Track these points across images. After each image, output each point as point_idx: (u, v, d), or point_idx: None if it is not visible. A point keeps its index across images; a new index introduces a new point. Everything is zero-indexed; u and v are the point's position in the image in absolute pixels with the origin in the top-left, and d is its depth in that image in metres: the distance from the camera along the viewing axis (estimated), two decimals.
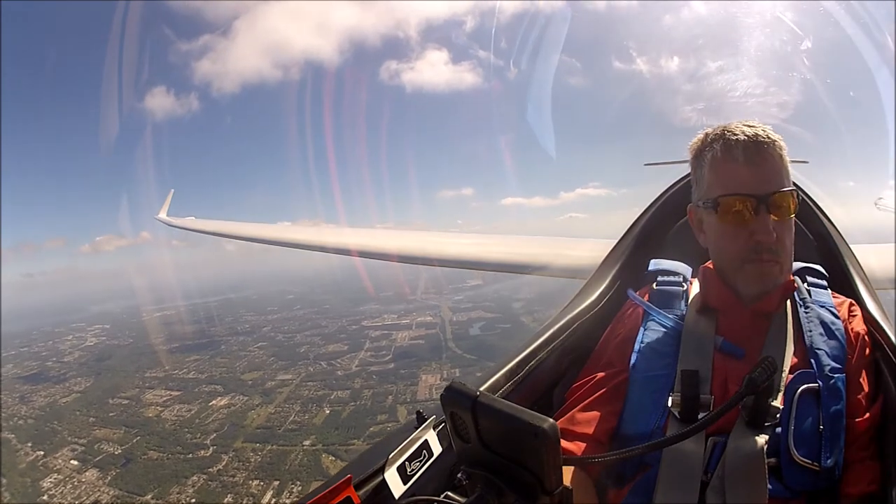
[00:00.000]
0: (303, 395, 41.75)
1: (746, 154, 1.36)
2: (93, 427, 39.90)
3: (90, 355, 54.08)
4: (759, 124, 1.40)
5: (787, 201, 1.36)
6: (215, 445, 36.08)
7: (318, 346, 50.34)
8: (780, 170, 1.38)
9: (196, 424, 39.21)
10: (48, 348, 57.38)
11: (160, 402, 43.05)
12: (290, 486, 31.42)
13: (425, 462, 1.17)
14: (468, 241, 7.34)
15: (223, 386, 44.64)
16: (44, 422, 41.04)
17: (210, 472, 33.41)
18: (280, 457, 34.19)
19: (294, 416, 38.94)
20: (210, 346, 54.41)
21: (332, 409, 38.93)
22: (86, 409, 42.86)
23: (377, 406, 38.62)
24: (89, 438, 38.29)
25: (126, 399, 43.97)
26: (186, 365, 49.26)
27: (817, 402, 1.28)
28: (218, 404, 41.71)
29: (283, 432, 36.96)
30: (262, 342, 53.93)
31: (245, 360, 49.57)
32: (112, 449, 36.90)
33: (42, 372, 50.07)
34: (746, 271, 1.39)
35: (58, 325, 68.11)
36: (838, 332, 1.39)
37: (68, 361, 53.03)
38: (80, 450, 36.89)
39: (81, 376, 48.24)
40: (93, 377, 47.81)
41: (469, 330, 50.57)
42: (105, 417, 41.41)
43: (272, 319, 60.15)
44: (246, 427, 38.19)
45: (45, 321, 71.13)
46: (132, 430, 39.08)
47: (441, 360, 44.48)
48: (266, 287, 62.75)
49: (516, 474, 0.81)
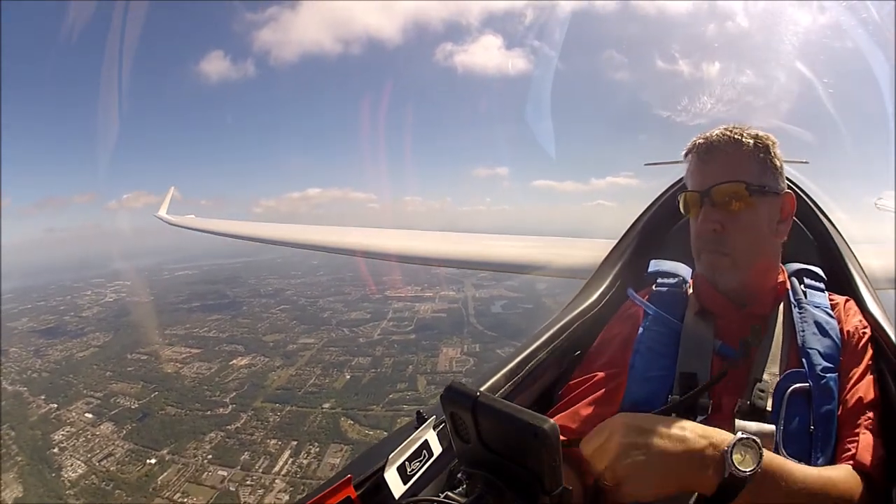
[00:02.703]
0: (324, 359, 41.91)
1: (699, 154, 1.44)
2: (110, 381, 39.97)
3: (109, 311, 53.85)
4: (738, 127, 1.44)
5: (735, 194, 1.37)
6: (234, 404, 36.23)
7: (340, 313, 50.35)
8: (732, 165, 1.40)
9: (216, 383, 39.40)
10: (66, 303, 56.93)
11: (180, 358, 43.12)
12: (307, 446, 31.66)
13: (425, 462, 1.17)
14: (468, 241, 7.39)
15: (244, 346, 44.67)
16: (59, 375, 41.02)
17: (228, 429, 33.54)
18: (299, 418, 34.37)
19: (315, 379, 39.14)
20: (232, 307, 54.26)
21: (353, 375, 39.15)
22: (103, 363, 42.75)
23: (397, 375, 38.78)
24: (105, 392, 38.32)
25: (145, 355, 43.95)
26: (207, 324, 49.23)
27: (808, 402, 1.27)
28: (238, 364, 41.88)
29: (303, 394, 37.14)
30: (284, 305, 53.88)
31: (267, 322, 49.55)
32: (129, 403, 36.97)
33: (59, 326, 49.72)
34: (702, 262, 1.46)
35: (77, 280, 67.60)
36: (832, 331, 1.39)
37: (86, 316, 52.65)
38: (96, 403, 36.93)
39: (100, 331, 47.99)
40: (112, 332, 47.57)
41: (491, 307, 50.81)
42: (123, 372, 41.41)
43: (295, 284, 60.17)
44: (266, 387, 38.39)
45: (64, 276, 70.53)
46: (150, 385, 39.18)
47: (462, 334, 44.67)
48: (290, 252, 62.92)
49: (516, 474, 0.82)
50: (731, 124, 1.45)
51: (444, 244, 7.20)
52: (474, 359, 40.60)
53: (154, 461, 30.64)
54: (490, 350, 41.61)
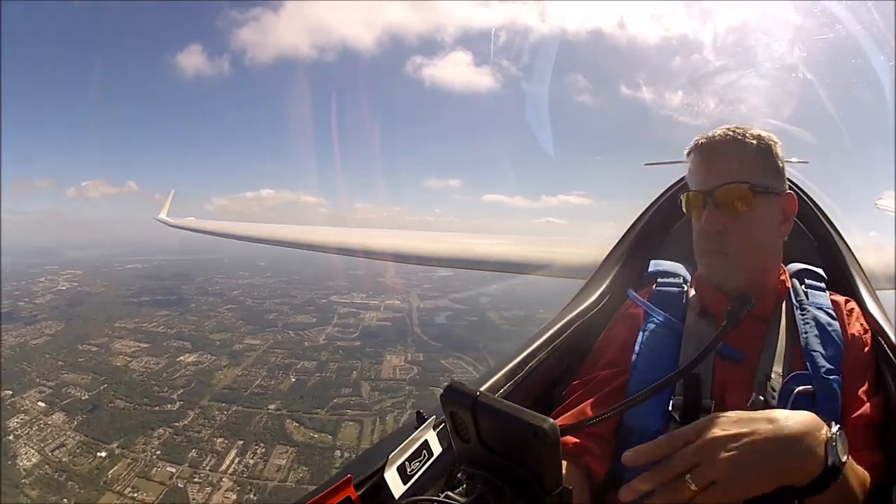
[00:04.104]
0: (269, 360, 42.25)
1: (702, 154, 1.44)
2: (61, 371, 40.17)
3: (62, 300, 53.61)
4: (741, 128, 1.44)
5: (738, 195, 1.37)
6: (182, 401, 36.79)
7: (286, 315, 50.59)
8: (734, 166, 1.40)
9: (164, 378, 39.74)
10: (21, 288, 56.26)
11: (129, 352, 43.25)
12: (253, 446, 32.29)
13: (425, 462, 1.17)
14: (469, 241, 7.47)
15: (192, 343, 44.92)
16: (14, 362, 40.90)
17: (176, 426, 34.14)
18: (245, 418, 35.00)
19: (260, 380, 39.59)
20: (180, 304, 54.19)
21: (298, 378, 39.65)
22: (55, 352, 42.86)
23: (342, 380, 39.32)
24: (58, 382, 38.59)
25: (95, 346, 44.10)
26: (156, 319, 49.23)
27: (812, 405, 1.26)
28: (186, 360, 42.14)
29: (249, 395, 37.63)
30: (231, 305, 53.94)
31: (214, 321, 49.66)
32: (80, 394, 37.32)
33: (14, 311, 49.58)
34: (703, 262, 1.47)
35: (32, 266, 66.56)
36: (834, 333, 1.38)
37: (40, 304, 52.38)
38: (48, 392, 37.21)
39: (52, 319, 47.95)
40: (64, 322, 47.63)
41: (435, 318, 51.01)
42: (74, 363, 41.52)
43: (242, 284, 60.08)
44: (213, 386, 38.79)
45: (20, 261, 69.32)
46: (100, 377, 39.46)
47: (406, 343, 45.04)
48: (239, 251, 62.17)
49: (516, 474, 0.82)
50: (734, 124, 1.45)
51: (444, 244, 7.28)
52: (418, 367, 41.03)
53: (104, 454, 31.14)
54: (434, 360, 42.09)
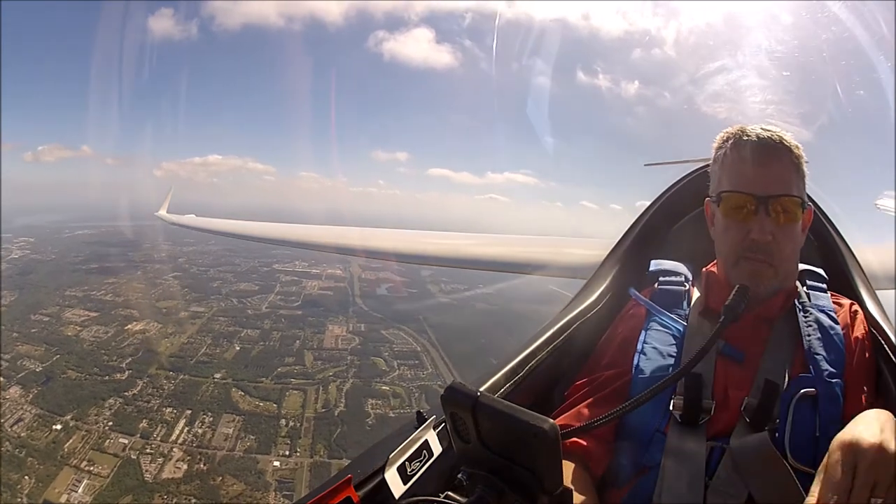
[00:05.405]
0: (214, 328, 41.75)
1: (754, 154, 1.40)
2: (16, 343, 40.09)
3: (15, 268, 52.96)
4: (779, 129, 1.43)
5: (790, 208, 1.38)
6: (131, 370, 36.75)
7: (230, 283, 49.61)
8: (787, 176, 1.40)
9: (113, 347, 39.54)
10: None
11: (79, 321, 42.98)
12: (201, 416, 32.47)
13: (425, 462, 1.17)
14: (469, 241, 7.44)
15: (139, 311, 44.46)
16: None
17: (126, 395, 34.18)
18: (192, 387, 34.98)
19: (206, 348, 39.23)
20: (127, 270, 53.47)
21: (242, 347, 39.25)
22: (10, 323, 42.51)
23: (285, 349, 38.98)
24: (13, 354, 38.59)
25: (47, 316, 43.93)
26: (104, 287, 48.53)
27: (815, 408, 1.26)
28: (133, 329, 41.76)
29: (195, 364, 37.47)
30: (177, 272, 53.16)
31: (160, 289, 49.14)
32: (34, 366, 37.38)
33: None
34: (740, 268, 1.43)
35: None
36: (837, 336, 1.38)
37: None
38: (6, 365, 37.21)
39: (7, 289, 47.45)
40: (17, 291, 47.43)
41: (377, 290, 49.85)
42: (28, 333, 41.40)
43: (188, 252, 58.20)
44: (160, 354, 38.65)
45: None
46: (52, 347, 39.39)
47: (348, 313, 44.16)
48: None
49: (516, 474, 0.82)
50: (767, 123, 1.45)
51: (443, 244, 7.31)
52: (360, 338, 40.51)
53: (59, 427, 31.32)
54: (376, 331, 41.31)
